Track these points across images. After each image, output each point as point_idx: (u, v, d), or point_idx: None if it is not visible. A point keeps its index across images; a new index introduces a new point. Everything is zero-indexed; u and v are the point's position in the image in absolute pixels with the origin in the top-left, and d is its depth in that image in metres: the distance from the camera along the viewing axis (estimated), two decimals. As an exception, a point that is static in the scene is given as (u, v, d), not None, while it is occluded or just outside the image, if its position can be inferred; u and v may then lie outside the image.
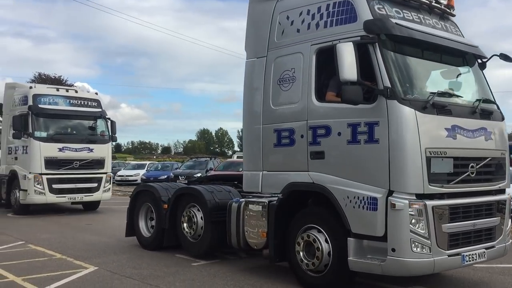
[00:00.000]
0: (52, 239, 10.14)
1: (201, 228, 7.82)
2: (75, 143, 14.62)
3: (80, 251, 8.77)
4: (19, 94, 15.15)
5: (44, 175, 13.98)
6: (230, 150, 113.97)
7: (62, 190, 14.33)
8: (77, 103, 15.09)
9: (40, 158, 13.93)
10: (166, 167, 32.90)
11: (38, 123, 14.32)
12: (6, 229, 11.59)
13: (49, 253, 8.62)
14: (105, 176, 15.20)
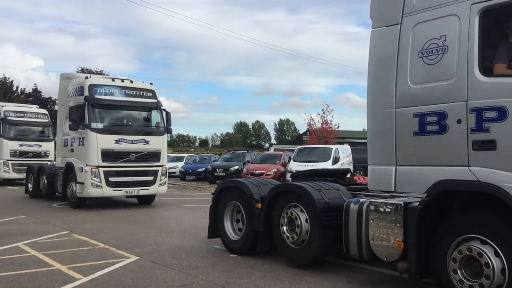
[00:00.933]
0: (95, 229, 10.44)
1: (306, 232, 6.72)
2: (131, 135, 14.34)
3: (122, 241, 8.99)
4: (75, 84, 14.98)
5: (101, 168, 13.73)
6: (267, 143, 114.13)
7: (118, 184, 14.07)
8: (132, 93, 14.67)
9: (97, 150, 13.67)
10: (204, 160, 33.20)
11: (94, 114, 14.05)
12: (51, 219, 12.02)
13: (93, 242, 8.88)
14: (161, 169, 14.81)
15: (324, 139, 37.10)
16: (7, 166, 22.84)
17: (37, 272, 6.63)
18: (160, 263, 7.25)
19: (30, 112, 24.55)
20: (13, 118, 23.39)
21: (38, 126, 24.30)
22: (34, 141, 23.74)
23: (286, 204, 7.08)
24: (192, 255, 7.82)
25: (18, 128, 23.58)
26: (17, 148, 23.16)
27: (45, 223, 11.26)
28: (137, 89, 14.84)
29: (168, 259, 7.49)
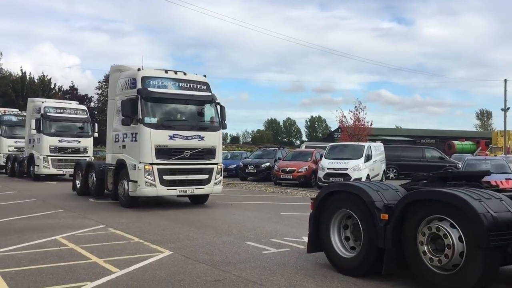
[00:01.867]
0: (130, 223, 10.66)
1: (460, 254, 5.29)
2: (186, 130, 13.36)
3: (156, 235, 9.15)
4: (126, 77, 14.04)
5: (154, 165, 12.82)
6: (298, 140, 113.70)
7: (172, 182, 13.15)
8: (186, 86, 13.70)
9: (151, 146, 12.77)
10: (235, 156, 33.33)
11: (148, 108, 13.10)
12: (88, 213, 12.34)
13: (128, 236, 9.08)
14: (216, 167, 13.88)
15: (356, 137, 36.66)
16: (46, 162, 23.06)
17: (74, 265, 6.83)
18: (193, 258, 7.35)
19: (69, 108, 24.84)
20: (53, 114, 23.69)
21: (77, 122, 24.58)
22: (73, 137, 24.02)
23: (427, 216, 5.64)
24: (224, 251, 7.89)
25: (57, 124, 23.81)
26: (57, 144, 23.39)
27: (82, 217, 11.58)
28: (191, 81, 13.86)
29: (201, 254, 7.58)
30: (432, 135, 66.71)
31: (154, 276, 6.33)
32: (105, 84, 61.50)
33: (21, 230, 9.57)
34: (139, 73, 13.36)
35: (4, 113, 29.64)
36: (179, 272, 6.53)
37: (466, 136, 60.91)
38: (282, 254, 7.71)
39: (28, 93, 60.09)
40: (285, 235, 9.35)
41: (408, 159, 28.75)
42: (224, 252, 7.81)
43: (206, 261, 7.17)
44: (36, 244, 8.21)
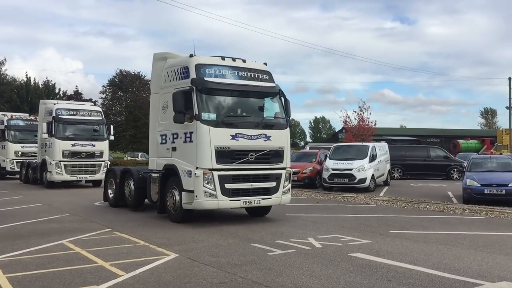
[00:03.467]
0: (135, 227, 10.69)
1: None
2: (250, 129, 11.03)
3: (162, 238, 9.17)
4: (176, 65, 11.73)
5: (215, 172, 10.45)
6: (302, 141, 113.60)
7: (236, 192, 10.73)
8: (247, 75, 11.45)
9: (210, 148, 10.46)
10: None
11: (205, 101, 10.88)
12: (93, 217, 12.37)
13: (134, 240, 9.10)
14: (285, 172, 11.50)
15: (360, 137, 36.60)
16: (59, 168, 21.32)
17: (81, 269, 6.85)
18: (199, 260, 7.36)
19: (83, 110, 23.05)
20: (65, 117, 21.93)
21: (91, 125, 22.78)
22: (87, 140, 22.24)
23: None
24: (230, 253, 7.90)
25: (70, 127, 22.10)
26: (70, 148, 21.67)
27: (88, 221, 11.61)
28: (252, 70, 11.60)
29: (207, 257, 7.59)
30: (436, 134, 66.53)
31: (160, 279, 6.34)
32: (109, 88, 61.69)
33: (28, 235, 9.61)
34: (192, 60, 11.11)
35: (11, 118, 28.91)
36: (185, 274, 6.54)
37: (471, 134, 60.68)
38: (287, 255, 7.71)
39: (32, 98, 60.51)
40: (291, 236, 9.35)
41: (413, 158, 28.69)
42: (229, 254, 7.82)
43: (212, 263, 7.18)
44: (43, 249, 8.24)
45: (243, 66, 11.52)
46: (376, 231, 10.16)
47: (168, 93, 11.48)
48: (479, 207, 14.64)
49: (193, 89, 10.70)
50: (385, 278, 6.37)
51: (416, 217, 12.64)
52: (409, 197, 17.64)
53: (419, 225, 11.14)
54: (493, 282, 6.24)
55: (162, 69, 12.25)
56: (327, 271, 6.68)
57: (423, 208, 14.53)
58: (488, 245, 8.75)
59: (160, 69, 12.35)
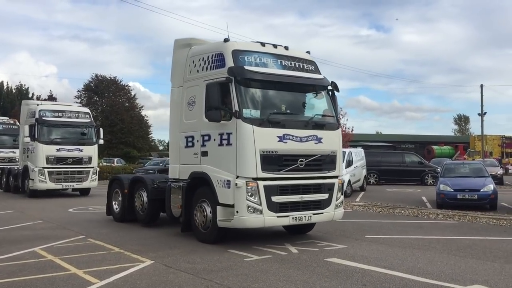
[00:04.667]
0: (110, 233, 10.53)
1: None
2: (299, 129, 9.12)
3: (137, 245, 9.05)
4: (205, 52, 9.78)
5: (260, 181, 8.56)
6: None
7: (284, 206, 8.79)
8: (291, 65, 9.63)
9: (255, 152, 8.56)
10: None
11: (247, 95, 9.01)
12: (67, 223, 12.14)
13: (108, 247, 8.96)
14: (337, 182, 9.58)
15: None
16: (43, 175, 19.33)
17: (53, 277, 6.71)
18: (174, 267, 7.29)
19: (69, 111, 20.90)
20: (50, 119, 19.95)
21: (78, 127, 20.78)
22: (74, 144, 20.27)
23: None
24: (206, 259, 7.85)
25: (55, 130, 20.13)
26: (54, 153, 19.66)
27: (61, 228, 11.39)
28: (296, 59, 9.83)
29: (183, 263, 7.53)
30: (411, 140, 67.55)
31: (135, 286, 6.26)
32: (85, 93, 60.80)
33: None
34: (228, 45, 9.24)
35: None
36: (160, 281, 6.47)
37: (444, 140, 61.85)
38: (264, 261, 7.70)
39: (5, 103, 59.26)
40: (267, 241, 9.35)
41: (388, 164, 29.12)
42: (206, 260, 7.77)
43: (188, 269, 7.12)
44: (14, 256, 8.04)
45: (285, 54, 9.72)
46: (352, 236, 10.24)
47: (196, 86, 9.72)
48: (452, 212, 14.92)
49: (231, 80, 8.78)
50: (360, 282, 6.43)
51: (391, 222, 12.80)
52: (385, 202, 17.89)
53: (394, 230, 11.28)
54: (465, 285, 6.35)
55: (185, 58, 10.28)
56: (303, 277, 6.70)
57: (398, 213, 14.73)
58: (460, 249, 8.92)
59: (183, 58, 10.36)
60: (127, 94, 62.89)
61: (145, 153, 60.41)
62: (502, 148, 55.05)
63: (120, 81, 62.21)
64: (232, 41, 9.38)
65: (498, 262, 7.85)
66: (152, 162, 42.03)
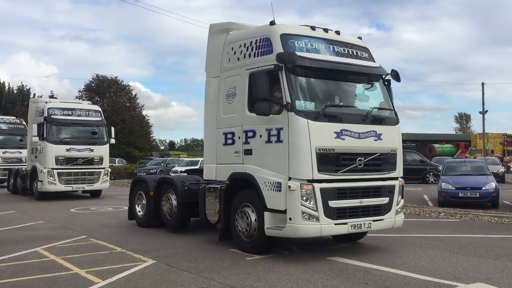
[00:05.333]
0: (112, 233, 10.54)
1: None
2: (357, 124, 8.08)
3: (139, 245, 9.06)
4: (247, 37, 8.73)
5: (316, 184, 7.52)
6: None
7: (342, 212, 7.77)
8: (344, 51, 8.62)
9: (310, 150, 7.52)
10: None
11: (299, 85, 7.98)
12: (69, 223, 12.16)
13: (110, 246, 8.97)
14: (398, 184, 8.61)
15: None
16: (52, 176, 18.33)
17: (56, 276, 6.72)
18: (176, 266, 7.30)
19: (79, 109, 19.94)
20: (59, 117, 18.99)
21: (89, 126, 19.83)
22: (84, 144, 19.30)
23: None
24: (208, 258, 7.86)
25: (65, 129, 19.18)
26: (64, 153, 18.67)
27: (63, 228, 11.41)
28: (349, 45, 8.81)
29: (185, 262, 7.53)
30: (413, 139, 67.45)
31: (137, 285, 6.27)
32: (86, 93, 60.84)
33: (0, 243, 9.39)
34: (275, 28, 8.23)
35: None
36: (163, 281, 6.48)
37: (446, 139, 61.82)
38: (266, 260, 7.70)
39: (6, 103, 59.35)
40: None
41: (389, 162, 29.02)
42: (208, 259, 7.78)
43: (190, 269, 7.13)
44: (16, 257, 8.06)
45: (337, 39, 8.75)
46: (353, 234, 10.23)
47: (236, 76, 8.73)
48: (453, 210, 14.90)
49: (280, 68, 7.77)
50: (362, 281, 6.43)
51: (393, 220, 12.77)
52: (386, 201, 17.83)
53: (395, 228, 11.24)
54: (467, 283, 6.35)
55: (223, 44, 9.26)
56: (305, 275, 6.70)
57: (400, 212, 14.71)
58: (462, 247, 8.92)
59: (220, 45, 9.33)
60: (128, 94, 62.96)
61: (147, 153, 60.45)
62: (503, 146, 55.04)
63: (121, 81, 62.32)
64: (279, 24, 8.32)
65: (500, 260, 7.84)
66: (153, 162, 42.25)
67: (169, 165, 37.78)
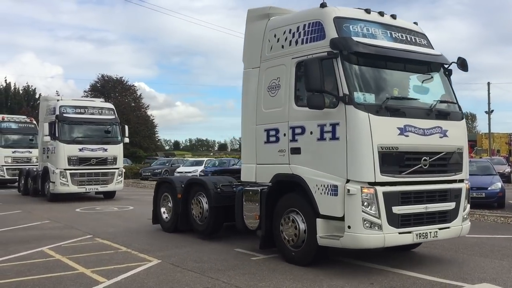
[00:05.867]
0: (117, 233, 10.57)
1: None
2: (420, 118, 7.19)
3: (144, 244, 9.08)
4: (293, 22, 7.85)
5: (379, 187, 6.64)
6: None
7: (407, 220, 6.86)
8: (402, 38, 7.74)
9: (372, 149, 6.64)
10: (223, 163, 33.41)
11: (357, 74, 7.11)
12: (74, 223, 12.20)
13: (115, 246, 8.99)
14: (465, 187, 7.64)
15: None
16: (64, 177, 17.64)
17: (61, 276, 6.75)
18: (181, 266, 7.31)
19: (92, 107, 19.24)
20: (71, 115, 18.29)
21: (103, 125, 19.12)
22: (98, 144, 18.59)
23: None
24: (213, 258, 7.86)
25: (77, 128, 18.51)
26: (77, 153, 17.93)
27: (69, 228, 11.45)
28: (407, 30, 7.96)
29: (190, 262, 7.54)
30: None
31: (142, 285, 6.28)
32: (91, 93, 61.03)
33: (6, 242, 9.44)
34: (327, 11, 7.37)
35: (2, 120, 26.05)
36: (168, 280, 6.49)
37: (451, 139, 61.47)
38: (270, 260, 7.70)
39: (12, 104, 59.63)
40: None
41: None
42: (212, 259, 7.78)
43: (195, 268, 7.13)
44: (22, 256, 8.09)
45: (394, 24, 7.89)
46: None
47: (280, 65, 7.90)
48: (459, 210, 14.81)
49: (335, 55, 6.93)
50: (367, 281, 6.41)
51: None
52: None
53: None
54: (473, 284, 6.33)
55: (263, 31, 8.42)
56: (310, 275, 6.69)
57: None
58: (468, 247, 8.87)
59: (260, 32, 8.48)
60: (133, 94, 63.10)
61: (151, 153, 60.57)
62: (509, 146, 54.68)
63: (126, 81, 62.44)
64: (331, 7, 7.43)
65: (506, 260, 7.81)
66: (158, 161, 42.33)
67: (174, 165, 37.88)
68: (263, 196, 7.89)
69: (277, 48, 8.07)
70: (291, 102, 7.60)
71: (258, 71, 8.37)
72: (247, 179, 8.55)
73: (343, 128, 6.79)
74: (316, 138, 7.17)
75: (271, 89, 8.04)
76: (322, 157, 7.12)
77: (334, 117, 6.90)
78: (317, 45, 7.29)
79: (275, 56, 8.05)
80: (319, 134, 7.15)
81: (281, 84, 7.83)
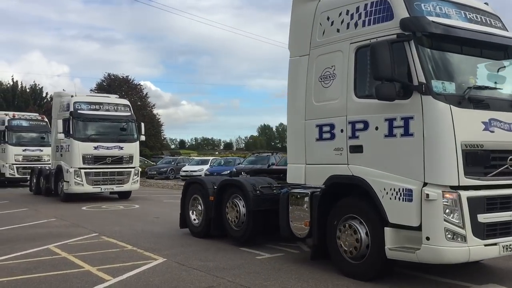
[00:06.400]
0: (123, 231, 10.60)
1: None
2: (504, 111, 6.29)
3: (150, 243, 9.10)
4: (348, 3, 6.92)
5: (462, 192, 5.72)
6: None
7: (493, 229, 5.92)
8: (477, 19, 6.79)
9: (455, 147, 5.74)
10: (228, 163, 33.40)
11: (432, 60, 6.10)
12: (80, 221, 12.25)
13: (121, 244, 9.02)
14: None
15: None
16: (79, 177, 16.85)
17: (67, 273, 6.78)
18: (187, 264, 7.32)
19: (107, 104, 18.31)
20: (86, 112, 17.39)
21: (118, 122, 18.24)
22: (113, 142, 17.72)
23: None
24: (218, 257, 7.87)
25: (92, 125, 17.71)
26: (92, 151, 17.16)
27: (75, 226, 11.49)
28: (480, 11, 6.98)
29: (195, 261, 7.55)
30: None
31: (148, 283, 6.29)
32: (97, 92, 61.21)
33: (13, 240, 9.49)
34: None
35: (13, 117, 25.32)
36: (173, 279, 6.50)
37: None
38: (276, 259, 7.70)
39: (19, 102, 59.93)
40: (279, 240, 9.32)
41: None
42: (218, 258, 7.79)
43: (200, 267, 7.14)
44: (29, 254, 8.14)
45: (467, 3, 6.89)
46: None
47: (336, 51, 6.95)
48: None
49: (408, 37, 5.97)
50: (373, 280, 6.38)
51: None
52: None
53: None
54: (480, 284, 6.29)
55: (313, 14, 7.43)
56: (315, 275, 6.68)
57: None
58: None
59: (309, 16, 7.49)
60: (139, 93, 63.18)
61: (157, 151, 60.70)
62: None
63: (132, 80, 62.57)
64: None
65: (513, 261, 7.75)
66: (164, 160, 42.44)
67: (180, 163, 37.98)
68: (315, 200, 6.97)
69: (331, 32, 7.08)
70: (350, 93, 6.63)
71: (307, 59, 7.39)
72: (294, 181, 7.60)
73: (419, 122, 5.84)
74: (383, 135, 6.23)
75: (324, 79, 7.08)
76: (390, 157, 6.16)
77: (407, 109, 5.95)
78: (382, 26, 6.30)
79: (329, 41, 7.07)
80: (387, 130, 6.20)
81: (336, 73, 6.88)
